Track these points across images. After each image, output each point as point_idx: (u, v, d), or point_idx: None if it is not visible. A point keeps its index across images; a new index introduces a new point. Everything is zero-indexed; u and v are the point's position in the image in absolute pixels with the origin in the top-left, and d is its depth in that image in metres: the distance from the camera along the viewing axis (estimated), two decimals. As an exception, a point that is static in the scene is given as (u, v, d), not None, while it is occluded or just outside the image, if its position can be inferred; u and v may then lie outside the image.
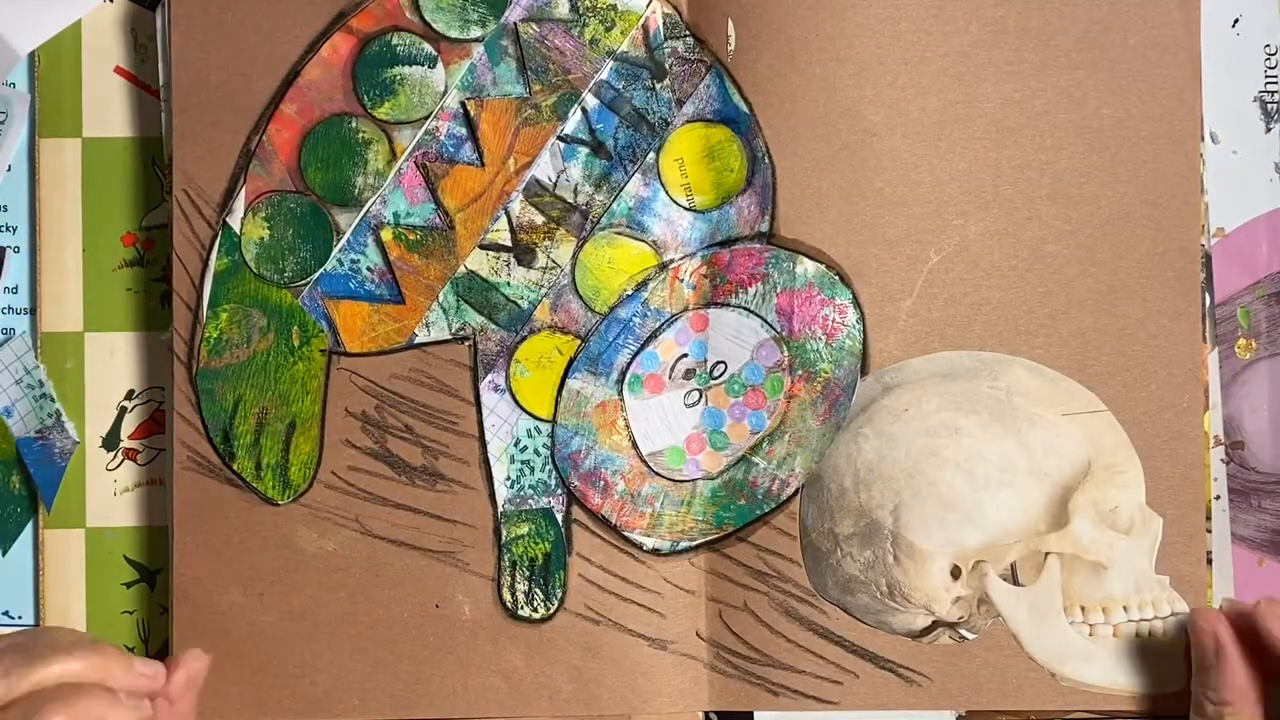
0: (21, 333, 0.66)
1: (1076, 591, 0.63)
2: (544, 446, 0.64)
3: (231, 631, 0.63)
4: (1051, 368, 0.63)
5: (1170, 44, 0.63)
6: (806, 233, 0.63)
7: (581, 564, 0.64)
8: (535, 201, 0.63)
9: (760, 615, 0.63)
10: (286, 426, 0.63)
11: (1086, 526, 0.62)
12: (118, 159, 0.66)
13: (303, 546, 0.63)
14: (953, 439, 0.63)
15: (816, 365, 0.63)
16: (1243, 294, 0.67)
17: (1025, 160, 0.63)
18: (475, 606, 0.63)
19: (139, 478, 0.66)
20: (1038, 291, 0.63)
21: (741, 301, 0.63)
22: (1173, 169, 0.63)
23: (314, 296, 0.64)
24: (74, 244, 0.66)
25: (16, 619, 0.66)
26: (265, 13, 0.63)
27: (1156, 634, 0.63)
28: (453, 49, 0.63)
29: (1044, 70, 0.63)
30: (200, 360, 0.63)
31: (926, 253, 0.64)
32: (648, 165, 0.63)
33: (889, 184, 0.63)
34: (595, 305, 0.64)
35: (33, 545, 0.66)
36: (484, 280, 0.63)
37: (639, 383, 0.64)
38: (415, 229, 0.63)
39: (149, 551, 0.66)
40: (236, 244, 0.63)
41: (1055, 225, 0.63)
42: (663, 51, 0.63)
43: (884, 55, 0.63)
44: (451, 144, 0.63)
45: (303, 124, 0.63)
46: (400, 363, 0.64)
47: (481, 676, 0.63)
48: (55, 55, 0.66)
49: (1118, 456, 0.63)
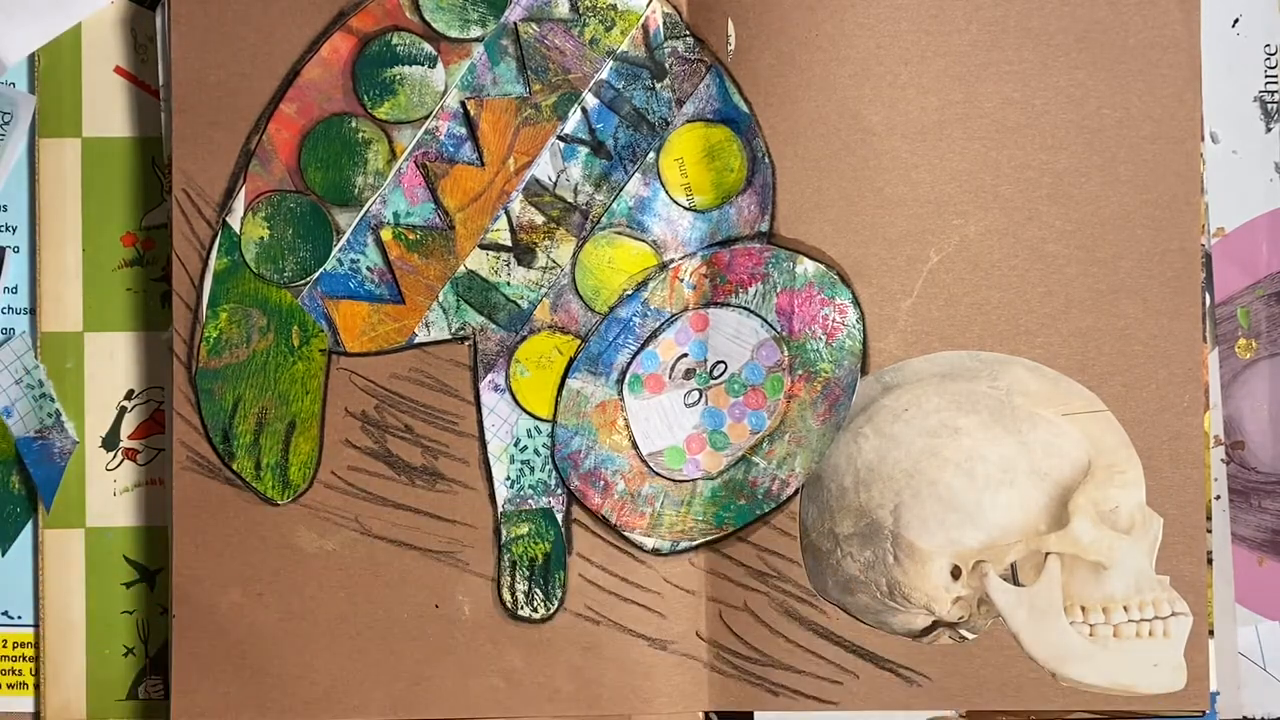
0: (21, 332, 0.66)
1: (1077, 591, 0.63)
2: (544, 446, 0.64)
3: (231, 632, 0.63)
4: (1052, 367, 0.63)
5: (1170, 44, 0.63)
6: (806, 232, 0.63)
7: (581, 564, 0.64)
8: (535, 201, 0.63)
9: (760, 615, 0.63)
10: (286, 426, 0.63)
11: (1087, 526, 0.62)
12: (118, 159, 0.66)
13: (302, 546, 0.63)
14: (953, 439, 0.63)
15: (816, 365, 0.63)
16: (1243, 294, 0.67)
17: (1025, 160, 0.63)
18: (475, 606, 0.63)
19: (139, 478, 0.66)
20: (1038, 291, 0.63)
21: (741, 301, 0.63)
22: (1173, 169, 0.63)
23: (314, 296, 0.64)
24: (74, 244, 0.66)
25: (16, 619, 0.66)
26: (265, 13, 0.63)
27: (1157, 634, 0.63)
28: (453, 49, 0.63)
29: (1044, 70, 0.63)
30: (200, 360, 0.63)
31: (926, 252, 0.64)
32: (648, 165, 0.63)
33: (889, 184, 0.63)
34: (595, 305, 0.64)
35: (32, 545, 0.66)
36: (484, 280, 0.63)
37: (639, 383, 0.64)
38: (415, 229, 0.63)
39: (149, 551, 0.66)
40: (236, 244, 0.63)
41: (1055, 225, 0.63)
42: (663, 51, 0.63)
43: (884, 55, 0.63)
44: (451, 144, 0.63)
45: (303, 124, 0.63)
46: (400, 362, 0.64)
47: (482, 676, 0.63)
48: (55, 55, 0.66)
49: (1118, 456, 0.63)
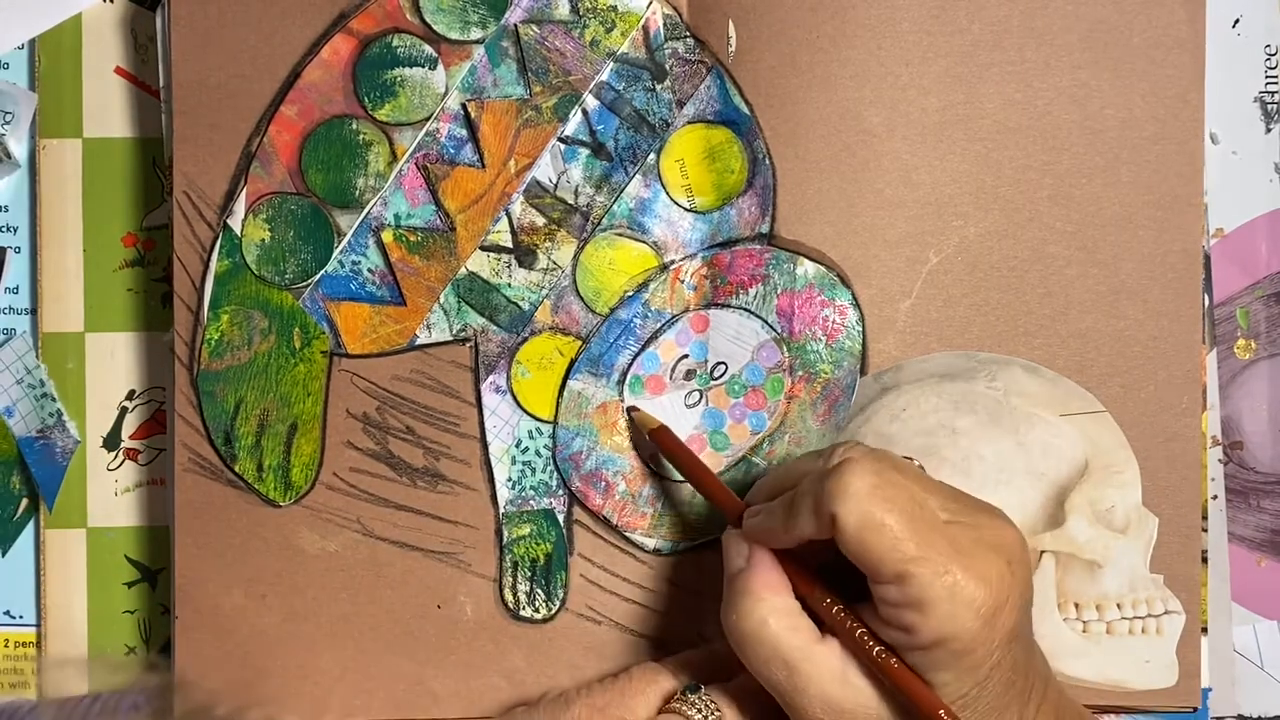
0: (22, 333, 0.66)
1: (1071, 589, 0.63)
2: (545, 448, 0.64)
3: (233, 633, 0.63)
4: (1050, 369, 0.64)
5: (1175, 44, 0.63)
6: (807, 234, 0.63)
7: (583, 564, 0.64)
8: (536, 203, 0.63)
9: (760, 615, 0.64)
10: (288, 428, 0.63)
11: (1083, 526, 0.63)
12: (118, 159, 0.66)
13: (304, 548, 0.64)
14: (950, 439, 0.63)
15: (816, 366, 0.64)
16: (1242, 294, 0.67)
17: (1026, 161, 0.63)
18: (477, 607, 0.64)
19: (140, 478, 0.66)
20: (1037, 293, 0.64)
21: (742, 302, 0.63)
22: (1175, 170, 0.63)
23: (315, 298, 0.63)
24: (74, 244, 0.66)
25: (18, 619, 0.66)
26: (265, 14, 0.63)
27: (1149, 631, 0.63)
28: (453, 50, 0.63)
29: (1047, 70, 0.63)
30: (201, 362, 0.63)
31: (926, 254, 0.64)
32: (648, 166, 0.63)
33: (889, 185, 0.63)
34: (596, 306, 0.64)
35: (34, 545, 0.66)
36: (485, 282, 0.63)
37: (640, 384, 0.64)
38: (416, 230, 0.63)
39: (150, 551, 0.66)
40: (237, 246, 0.63)
41: (1056, 226, 0.63)
42: (663, 53, 0.63)
43: (884, 56, 0.63)
44: (452, 145, 0.63)
45: (303, 126, 0.63)
46: (401, 364, 0.64)
47: (484, 677, 0.64)
48: (55, 55, 0.66)
49: (1115, 457, 0.63)
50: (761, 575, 0.55)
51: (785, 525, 0.54)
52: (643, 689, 0.59)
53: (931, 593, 0.51)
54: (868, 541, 0.51)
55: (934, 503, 0.53)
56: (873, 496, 0.52)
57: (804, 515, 0.53)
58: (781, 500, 0.55)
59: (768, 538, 0.55)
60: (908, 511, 0.52)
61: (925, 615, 0.51)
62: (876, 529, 0.51)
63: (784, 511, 0.54)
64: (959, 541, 0.52)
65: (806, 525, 0.53)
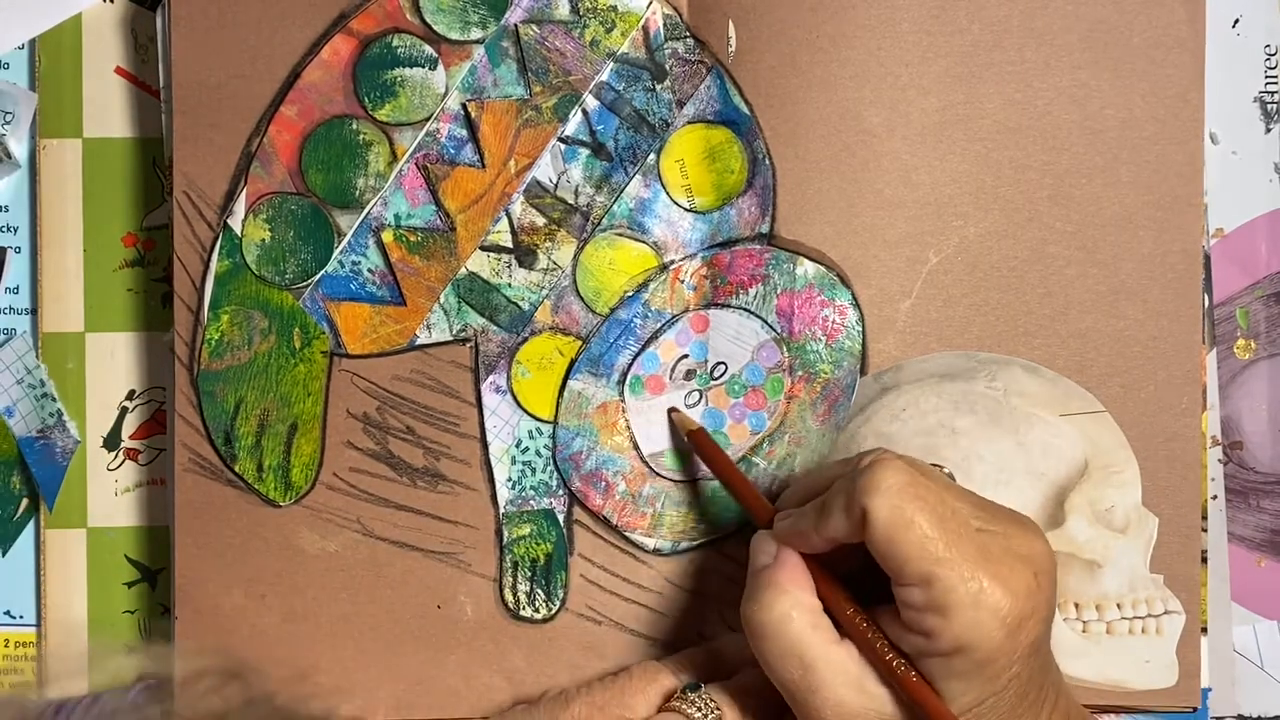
0: (22, 333, 0.66)
1: (1071, 589, 0.63)
2: (545, 448, 0.64)
3: (234, 633, 0.63)
4: (1050, 369, 0.64)
5: (1175, 43, 0.63)
6: (806, 234, 0.63)
7: (583, 564, 0.64)
8: (536, 203, 0.63)
9: (760, 615, 0.64)
10: (288, 428, 0.63)
11: (1082, 525, 0.63)
12: (118, 159, 0.66)
13: (304, 548, 0.64)
14: (950, 439, 0.63)
15: (816, 366, 0.64)
16: (1242, 294, 0.67)
17: (1026, 161, 0.63)
18: (477, 607, 0.64)
19: (140, 478, 0.66)
20: (1037, 293, 0.64)
21: (742, 303, 0.63)
22: (1176, 170, 0.63)
23: (315, 298, 0.63)
24: (75, 244, 0.66)
25: (18, 619, 0.66)
26: (265, 14, 0.63)
27: (1149, 631, 0.63)
28: (453, 51, 0.63)
29: (1047, 70, 0.63)
30: (201, 362, 0.63)
31: (926, 254, 0.64)
32: (648, 167, 0.63)
33: (889, 185, 0.63)
34: (596, 306, 0.64)
35: (34, 545, 0.66)
36: (485, 282, 0.63)
37: (640, 384, 0.64)
38: (416, 230, 0.63)
39: (150, 551, 0.66)
40: (237, 246, 0.63)
41: (1056, 226, 0.63)
42: (663, 53, 0.63)
43: (884, 56, 0.63)
44: (452, 146, 0.63)
45: (303, 126, 0.63)
46: (401, 364, 0.64)
47: (484, 677, 0.64)
48: (55, 55, 0.66)
49: (1115, 457, 0.63)
50: (788, 571, 0.55)
51: (817, 525, 0.54)
52: (643, 687, 0.59)
53: (955, 597, 0.50)
54: (896, 538, 0.51)
55: (965, 510, 0.53)
56: (904, 493, 0.51)
57: (836, 514, 0.53)
58: (813, 504, 0.55)
59: (798, 540, 0.55)
60: (938, 513, 0.51)
61: (948, 620, 0.51)
62: (906, 525, 0.51)
63: (816, 513, 0.54)
64: (988, 549, 0.51)
65: (838, 524, 0.53)
